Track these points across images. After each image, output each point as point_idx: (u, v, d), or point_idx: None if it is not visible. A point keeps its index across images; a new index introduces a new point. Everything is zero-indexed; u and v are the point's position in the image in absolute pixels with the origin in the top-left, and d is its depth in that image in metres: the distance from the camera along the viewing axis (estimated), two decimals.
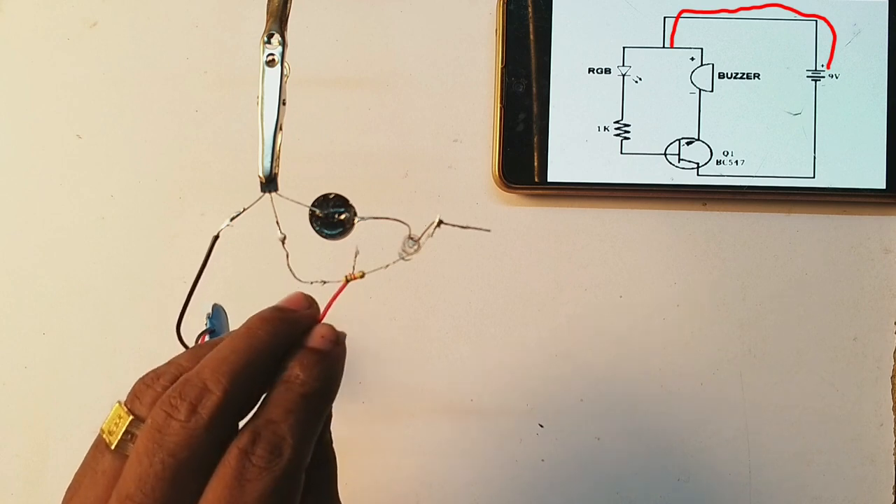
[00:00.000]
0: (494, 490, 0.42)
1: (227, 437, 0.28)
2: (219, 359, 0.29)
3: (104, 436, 0.28)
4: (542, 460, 0.42)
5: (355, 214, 0.31)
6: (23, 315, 0.44)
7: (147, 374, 0.30)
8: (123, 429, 0.28)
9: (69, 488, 0.28)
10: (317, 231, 0.32)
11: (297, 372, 0.29)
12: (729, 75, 0.42)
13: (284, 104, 0.31)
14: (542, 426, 0.42)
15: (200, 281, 0.32)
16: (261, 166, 0.31)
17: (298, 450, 0.28)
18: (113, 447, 0.28)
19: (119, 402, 0.29)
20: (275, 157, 0.31)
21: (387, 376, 0.43)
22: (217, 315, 0.36)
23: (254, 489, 0.27)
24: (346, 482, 0.42)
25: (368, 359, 0.43)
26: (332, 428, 0.32)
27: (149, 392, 0.29)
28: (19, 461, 0.30)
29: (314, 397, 0.30)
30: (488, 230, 0.42)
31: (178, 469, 0.27)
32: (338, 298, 0.32)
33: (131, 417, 0.28)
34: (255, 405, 0.29)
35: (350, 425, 0.42)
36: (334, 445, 0.32)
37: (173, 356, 0.30)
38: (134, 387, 0.29)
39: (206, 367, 0.28)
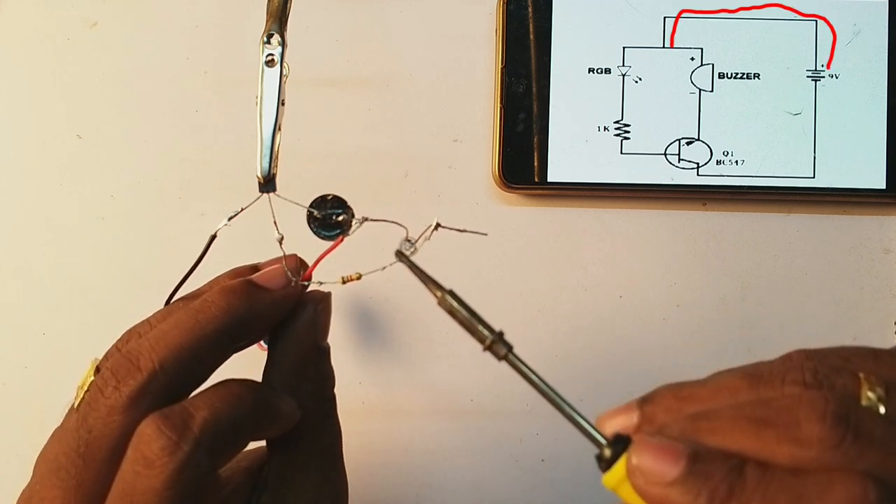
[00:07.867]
0: (494, 490, 0.42)
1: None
2: (160, 334, 0.27)
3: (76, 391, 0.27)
4: (542, 460, 0.42)
5: (353, 216, 0.31)
6: (23, 315, 0.44)
7: (126, 332, 0.29)
8: (85, 389, 0.27)
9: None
10: (314, 232, 0.32)
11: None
12: (729, 75, 0.42)
13: (283, 104, 0.31)
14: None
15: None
16: (259, 167, 0.31)
17: (207, 438, 0.25)
18: (76, 407, 0.27)
19: (94, 359, 0.28)
20: (273, 157, 0.31)
21: (387, 376, 0.43)
22: None
23: (151, 481, 0.25)
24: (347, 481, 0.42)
25: (368, 359, 0.43)
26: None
27: (115, 355, 0.27)
28: (19, 461, 0.30)
29: (240, 387, 0.28)
30: (485, 234, 0.41)
31: (95, 448, 0.26)
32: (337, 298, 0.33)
33: (92, 378, 0.27)
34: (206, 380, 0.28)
35: (350, 425, 0.42)
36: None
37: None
38: (112, 346, 0.28)
39: (147, 340, 0.27)
